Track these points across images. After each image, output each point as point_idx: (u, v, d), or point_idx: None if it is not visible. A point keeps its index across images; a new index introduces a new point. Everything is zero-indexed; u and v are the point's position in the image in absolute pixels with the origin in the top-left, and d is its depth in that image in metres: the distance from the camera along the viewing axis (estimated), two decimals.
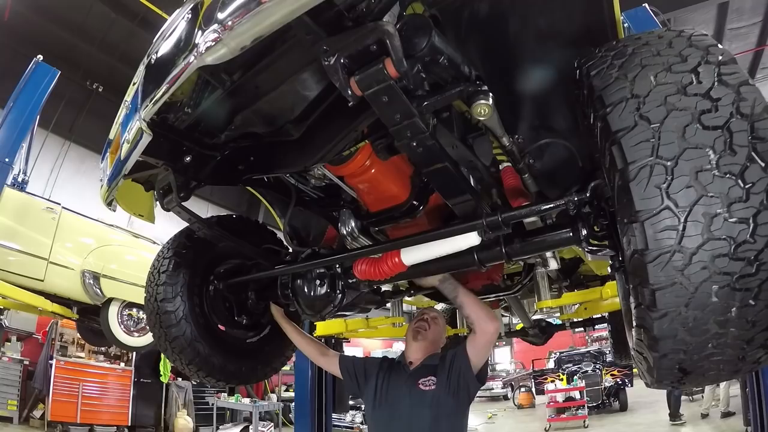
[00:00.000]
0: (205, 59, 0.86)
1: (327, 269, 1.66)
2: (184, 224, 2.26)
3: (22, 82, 4.35)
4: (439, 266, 1.48)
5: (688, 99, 0.75)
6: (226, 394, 9.56)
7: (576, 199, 1.19)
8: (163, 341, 1.78)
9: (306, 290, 1.67)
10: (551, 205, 1.21)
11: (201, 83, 1.24)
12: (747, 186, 0.69)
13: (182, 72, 0.92)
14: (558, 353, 14.45)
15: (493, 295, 2.81)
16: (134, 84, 1.31)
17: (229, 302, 1.95)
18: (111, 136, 1.62)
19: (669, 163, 0.73)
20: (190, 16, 0.95)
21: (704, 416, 8.22)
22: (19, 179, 5.45)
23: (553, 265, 1.82)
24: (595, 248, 1.23)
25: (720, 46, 0.83)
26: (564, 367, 12.30)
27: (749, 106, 0.73)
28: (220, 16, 0.82)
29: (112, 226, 5.62)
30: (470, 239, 1.30)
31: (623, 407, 10.97)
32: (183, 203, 1.41)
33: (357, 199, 1.73)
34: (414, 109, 0.96)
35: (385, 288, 2.23)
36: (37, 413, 7.59)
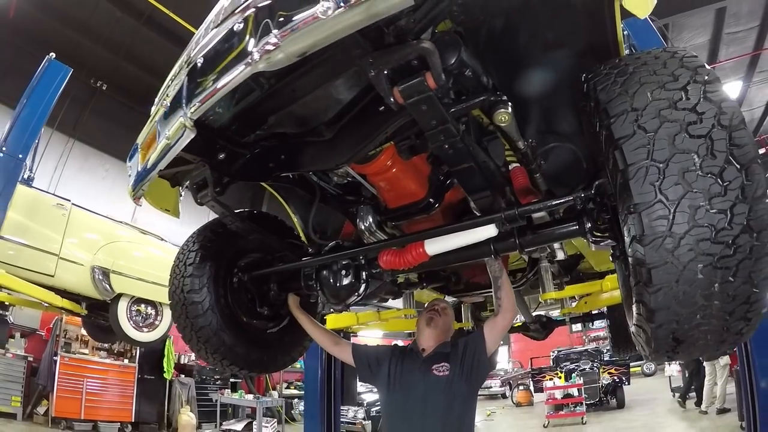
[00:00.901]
0: (259, 65, 0.94)
1: (352, 260, 1.75)
2: (188, 222, 2.35)
3: (35, 80, 4.41)
4: (457, 256, 1.59)
5: (678, 112, 0.90)
6: (229, 390, 9.62)
7: (583, 195, 1.33)
8: (189, 331, 1.85)
9: (332, 280, 1.76)
10: (562, 201, 1.36)
11: (238, 86, 1.32)
12: (725, 184, 0.85)
13: (237, 75, 1.00)
14: (556, 351, 14.58)
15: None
16: (172, 83, 1.37)
17: (251, 294, 2.03)
18: (142, 134, 1.68)
19: (661, 165, 0.88)
20: (240, 21, 1.03)
21: (703, 413, 8.32)
22: (25, 176, 5.51)
23: (561, 255, 1.96)
24: (598, 239, 1.36)
25: (707, 66, 0.98)
26: (562, 366, 12.42)
27: (728, 118, 0.88)
28: (280, 23, 0.90)
29: (121, 222, 5.69)
30: (489, 231, 1.43)
31: (620, 405, 11.09)
32: (218, 198, 1.49)
33: (376, 196, 1.83)
34: (447, 116, 1.08)
35: (400, 280, 2.33)
36: (41, 409, 7.62)
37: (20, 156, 4.15)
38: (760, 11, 9.55)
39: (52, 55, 4.64)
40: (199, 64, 1.18)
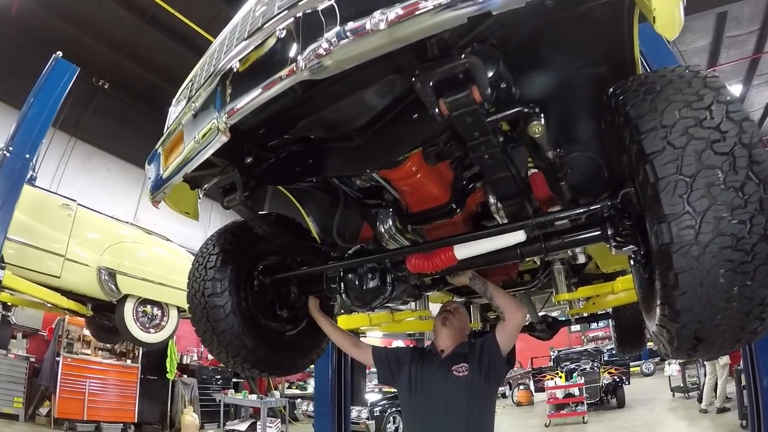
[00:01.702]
0: (304, 74, 0.95)
1: (378, 263, 1.76)
2: (191, 223, 2.34)
3: (42, 79, 4.38)
4: (484, 260, 1.62)
5: (704, 131, 0.97)
6: (232, 390, 9.62)
7: (609, 203, 1.38)
8: (209, 335, 1.85)
9: (358, 283, 1.76)
10: (591, 209, 1.40)
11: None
12: (745, 197, 0.93)
13: (281, 84, 1.01)
14: (557, 351, 14.63)
15: (512, 289, 2.94)
16: (199, 87, 1.35)
17: (271, 297, 2.03)
18: (165, 138, 1.66)
19: (689, 179, 0.95)
20: (283, 27, 1.03)
21: (703, 412, 8.37)
22: (28, 175, 5.48)
23: (582, 259, 1.98)
24: (620, 244, 1.40)
25: (727, 87, 1.05)
26: (562, 365, 12.48)
27: (748, 137, 0.96)
28: (330, 34, 0.91)
29: (126, 223, 5.68)
30: (518, 236, 1.46)
31: (621, 404, 11.14)
32: (246, 202, 1.49)
33: (398, 200, 1.84)
34: (490, 128, 1.12)
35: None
36: (43, 410, 7.60)
37: (27, 156, 4.13)
38: (761, 16, 9.62)
39: (59, 54, 4.61)
40: (235, 69, 1.18)
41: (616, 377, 11.69)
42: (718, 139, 0.96)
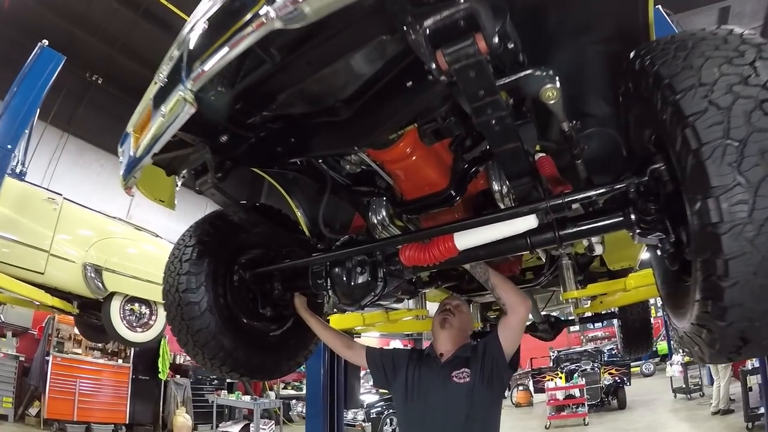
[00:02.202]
0: (275, 23, 0.80)
1: (368, 256, 1.59)
2: (185, 219, 2.18)
3: (26, 67, 4.23)
4: (489, 251, 1.44)
5: (750, 89, 0.84)
6: (225, 391, 9.46)
7: (637, 181, 1.20)
8: (184, 335, 1.69)
9: (345, 278, 1.59)
10: (613, 187, 1.22)
11: (246, 57, 1.18)
12: None
13: (251, 35, 0.86)
14: (557, 352, 14.49)
15: (522, 286, 2.78)
16: (171, 59, 1.22)
17: (253, 293, 1.86)
18: (134, 117, 1.54)
19: (738, 144, 0.81)
20: None
21: (715, 414, 8.25)
22: (17, 170, 5.32)
23: (599, 250, 1.80)
24: (646, 231, 1.24)
25: None
26: (562, 366, 12.34)
27: None
28: None
29: (114, 218, 5.51)
30: (528, 222, 1.28)
31: (622, 405, 11.02)
32: (219, 185, 1.33)
33: (392, 186, 1.67)
34: (497, 85, 0.95)
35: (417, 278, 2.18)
36: (32, 411, 7.47)
37: (8, 147, 3.96)
38: (763, 11, 9.53)
39: (45, 42, 4.45)
40: (202, 30, 1.03)
41: (617, 378, 11.57)
42: (767, 98, 0.82)
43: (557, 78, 1.05)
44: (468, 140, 1.55)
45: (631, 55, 1.09)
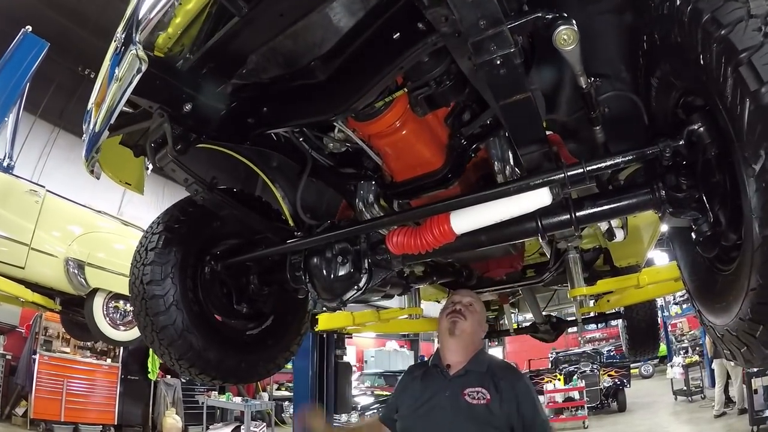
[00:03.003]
0: None
1: (351, 244, 1.41)
2: None
3: (8, 54, 4.06)
4: (492, 236, 1.26)
5: None
6: (216, 392, 9.26)
7: (673, 144, 1.01)
8: (149, 332, 1.52)
9: (324, 270, 1.42)
10: (643, 152, 1.03)
11: (211, 13, 1.04)
12: None
13: None
14: (555, 353, 14.33)
15: (518, 284, 2.62)
16: (125, 17, 1.08)
17: (227, 287, 1.69)
18: (95, 89, 1.39)
19: None
20: None
21: (718, 416, 8.12)
22: (5, 164, 5.13)
23: (620, 236, 1.62)
24: (678, 211, 1.07)
25: None
26: (561, 367, 12.18)
27: None
28: None
29: (100, 212, 5.31)
30: (541, 198, 1.10)
31: (622, 408, 10.87)
32: (179, 158, 1.16)
33: (381, 167, 1.50)
34: (502, 14, 0.79)
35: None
36: (19, 411, 7.25)
37: None
38: None
39: (29, 28, 4.28)
40: None
41: (616, 380, 11.41)
42: None
43: (573, 20, 0.88)
44: (467, 113, 1.38)
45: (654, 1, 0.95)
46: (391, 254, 1.37)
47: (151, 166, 1.78)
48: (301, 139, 1.47)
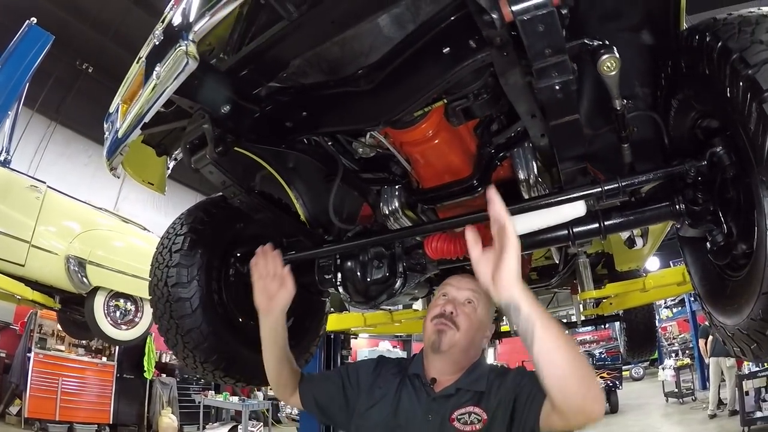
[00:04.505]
0: None
1: (386, 248, 1.43)
2: (173, 213, 1.99)
3: (12, 45, 4.00)
4: (527, 242, 1.30)
5: None
6: (213, 392, 9.21)
7: (697, 164, 1.10)
8: (173, 335, 1.51)
9: (360, 273, 1.43)
10: (670, 170, 1.14)
11: (242, 13, 1.04)
12: None
13: None
14: None
15: (530, 287, 2.65)
16: (165, 18, 1.07)
17: (250, 290, 1.69)
18: (123, 86, 1.37)
19: None
20: None
21: (712, 417, 8.25)
22: (1, 158, 5.07)
23: (640, 243, 1.68)
24: (696, 222, 1.16)
25: None
26: None
27: None
28: None
29: (101, 209, 5.27)
30: (576, 210, 1.17)
31: (614, 409, 10.93)
32: (219, 160, 1.17)
33: (409, 173, 1.51)
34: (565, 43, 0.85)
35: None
36: (13, 409, 7.15)
37: None
38: None
39: (33, 20, 4.22)
40: None
41: (609, 381, 11.50)
42: None
43: (614, 48, 0.94)
44: (495, 123, 1.41)
45: (685, 32, 1.05)
46: (426, 258, 1.40)
47: (171, 166, 1.79)
48: (330, 143, 1.48)
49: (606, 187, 1.11)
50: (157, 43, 1.06)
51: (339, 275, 1.50)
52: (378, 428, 1.16)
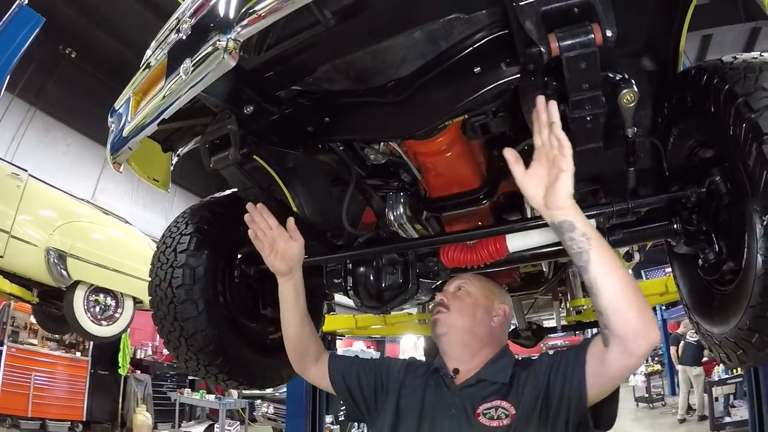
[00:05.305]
0: None
1: (399, 255, 1.45)
2: (151, 206, 1.92)
3: (2, 26, 3.83)
4: (535, 254, 1.41)
5: None
6: (189, 389, 9.05)
7: (698, 190, 1.21)
8: (176, 337, 1.49)
9: (374, 279, 1.45)
10: (673, 194, 1.24)
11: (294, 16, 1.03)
12: None
13: None
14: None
15: (518, 293, 2.72)
16: (192, 10, 1.04)
17: (253, 291, 1.69)
18: (137, 78, 1.31)
19: None
20: None
21: (682, 421, 8.55)
22: None
23: (637, 257, 1.79)
24: (690, 242, 1.26)
25: None
26: None
27: None
28: None
29: (83, 200, 5.12)
30: None
31: None
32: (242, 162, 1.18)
33: (418, 181, 1.54)
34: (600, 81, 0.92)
35: None
36: None
37: None
38: (743, 41, 9.97)
39: (24, 0, 4.06)
40: None
41: None
42: None
43: (633, 81, 1.02)
44: (506, 138, 1.45)
45: (693, 70, 1.15)
46: (440, 266, 1.43)
47: (174, 161, 1.76)
48: (341, 148, 1.49)
49: (616, 207, 1.20)
50: (184, 37, 1.03)
51: (349, 280, 1.51)
52: (398, 418, 1.18)
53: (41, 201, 4.48)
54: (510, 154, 0.94)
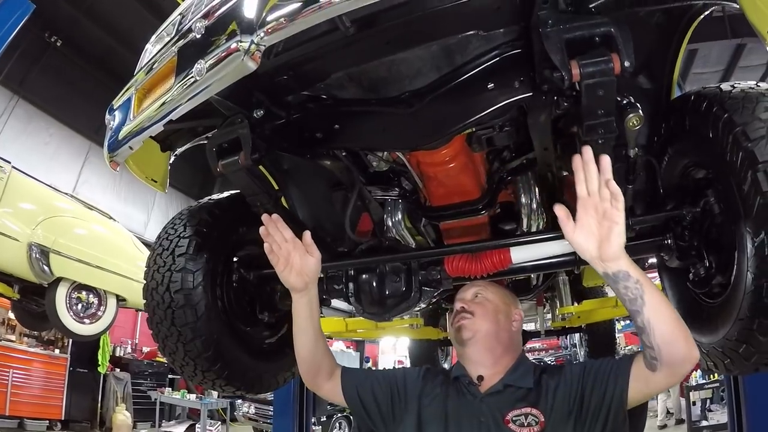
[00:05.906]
0: None
1: (403, 262, 1.47)
2: (132, 201, 1.88)
3: None
4: (536, 266, 1.46)
5: None
6: (170, 388, 8.91)
7: (693, 210, 1.26)
8: (173, 342, 1.47)
9: (377, 287, 1.46)
10: (670, 213, 1.30)
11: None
12: None
13: None
14: None
15: None
16: (206, 10, 1.02)
17: (251, 296, 1.68)
18: (140, 74, 1.28)
19: None
20: None
21: (661, 427, 8.73)
22: None
23: None
24: (683, 257, 1.31)
25: None
26: None
27: None
28: None
29: (68, 195, 5.01)
30: None
31: None
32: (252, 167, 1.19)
33: (419, 190, 1.56)
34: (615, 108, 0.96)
35: None
36: None
37: None
38: (727, 57, 10.29)
39: None
40: None
41: None
42: None
43: (639, 105, 1.06)
44: (506, 151, 1.48)
45: (692, 96, 1.20)
46: (443, 275, 1.45)
47: (172, 161, 1.73)
48: (344, 154, 1.49)
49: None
50: (198, 36, 1.01)
51: (350, 286, 1.52)
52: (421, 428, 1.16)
53: (24, 194, 4.36)
54: (561, 211, 0.92)
